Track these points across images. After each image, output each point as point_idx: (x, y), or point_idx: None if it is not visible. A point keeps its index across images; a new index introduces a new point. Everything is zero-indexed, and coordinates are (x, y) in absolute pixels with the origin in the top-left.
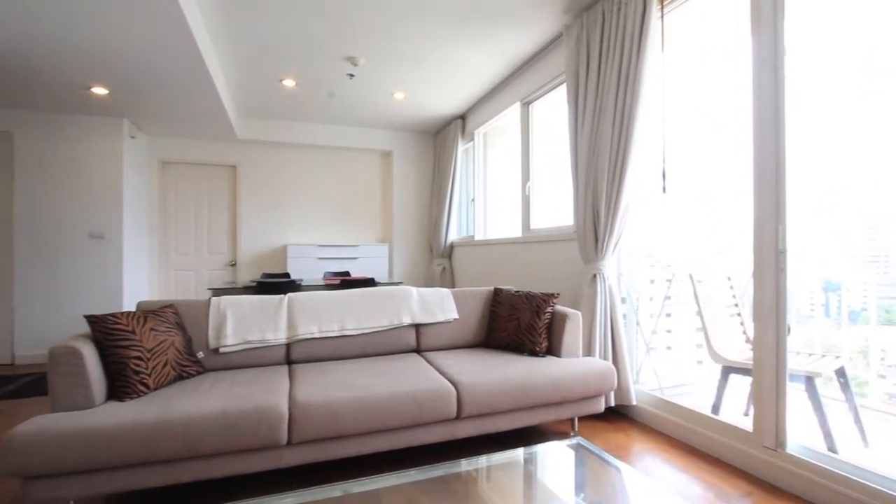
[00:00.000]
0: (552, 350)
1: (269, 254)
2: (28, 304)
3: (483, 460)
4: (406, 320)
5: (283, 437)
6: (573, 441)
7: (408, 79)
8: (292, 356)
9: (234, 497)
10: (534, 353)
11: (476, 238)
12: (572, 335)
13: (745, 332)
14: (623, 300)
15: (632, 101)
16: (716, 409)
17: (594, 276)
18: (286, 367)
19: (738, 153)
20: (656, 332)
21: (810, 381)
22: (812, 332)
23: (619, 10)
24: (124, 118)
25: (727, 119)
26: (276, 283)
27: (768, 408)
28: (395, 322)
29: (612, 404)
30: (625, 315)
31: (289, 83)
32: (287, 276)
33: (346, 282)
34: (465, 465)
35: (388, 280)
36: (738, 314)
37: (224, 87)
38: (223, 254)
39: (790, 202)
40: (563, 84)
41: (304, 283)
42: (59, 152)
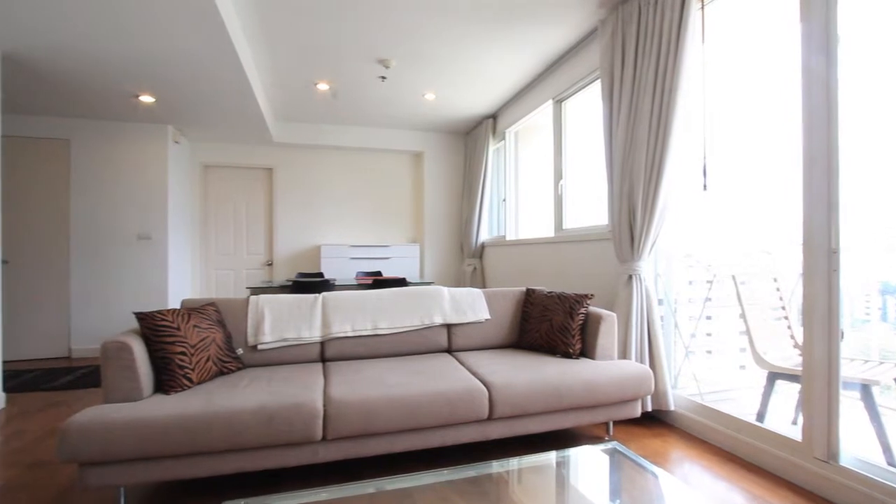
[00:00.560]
0: (586, 352)
1: (303, 254)
2: (82, 301)
3: (515, 462)
4: (437, 320)
5: (318, 433)
6: (608, 445)
7: (438, 80)
8: (326, 354)
9: (272, 490)
10: (567, 355)
11: (507, 238)
12: (607, 337)
13: (792, 337)
14: (660, 302)
15: (670, 96)
16: (761, 416)
17: (630, 276)
18: (320, 365)
19: (785, 147)
20: (696, 335)
21: (866, 390)
22: (868, 337)
23: (656, 3)
24: (169, 124)
25: (773, 111)
26: (311, 283)
27: (819, 417)
28: (426, 322)
29: (649, 409)
30: (662, 317)
31: (323, 87)
32: (321, 275)
33: (378, 281)
34: (496, 466)
35: (419, 280)
36: (785, 317)
37: (261, 92)
38: (260, 254)
39: (843, 197)
40: (598, 80)
41: (337, 283)
42: (109, 158)
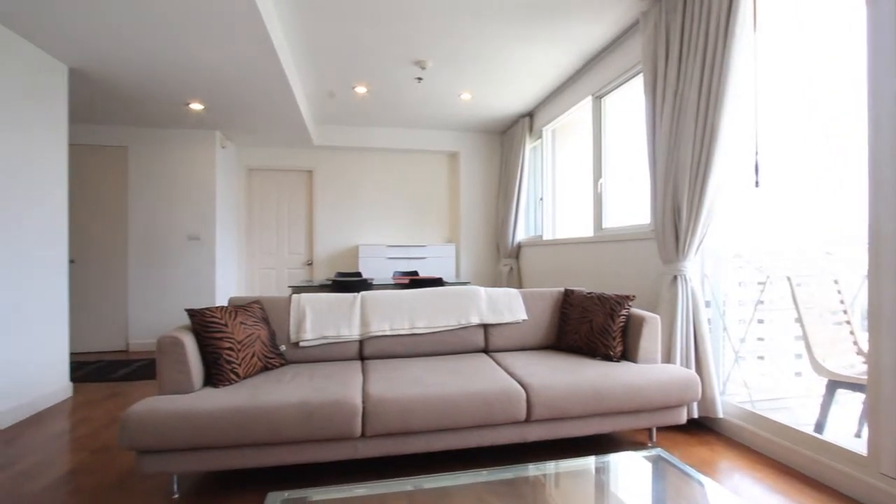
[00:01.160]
0: (628, 355)
1: (341, 253)
2: (139, 298)
3: (552, 466)
4: (474, 320)
5: (357, 429)
6: (651, 452)
7: (475, 79)
8: (365, 352)
9: (312, 484)
10: (608, 358)
11: (544, 238)
12: (650, 340)
13: (855, 343)
14: (708, 304)
15: (718, 88)
16: (819, 427)
17: (674, 277)
18: (359, 363)
19: (847, 140)
20: (746, 339)
21: None
22: None
23: None
24: (216, 130)
25: (833, 101)
26: (350, 282)
27: (888, 430)
28: (462, 322)
29: (696, 416)
30: (709, 320)
31: (361, 90)
32: (359, 274)
33: (414, 281)
34: (534, 469)
35: (455, 280)
36: (847, 322)
37: (302, 97)
38: (301, 253)
39: None
40: (639, 75)
41: (374, 283)
42: (162, 163)
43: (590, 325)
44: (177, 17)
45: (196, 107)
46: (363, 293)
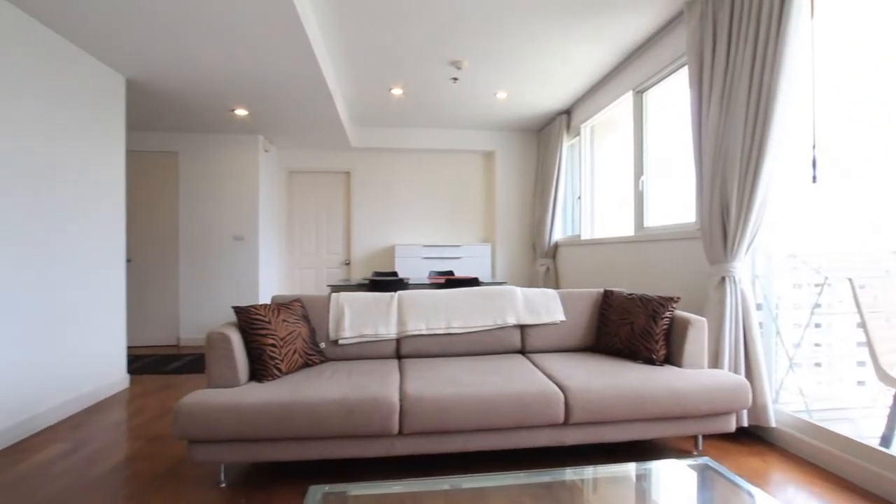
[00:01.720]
0: (671, 359)
1: (378, 253)
2: (189, 295)
3: (590, 471)
4: (511, 320)
5: (395, 427)
6: (698, 461)
7: (511, 77)
8: (402, 351)
9: (351, 479)
10: (650, 361)
11: (582, 237)
12: (696, 344)
13: None
14: (759, 307)
15: (770, 79)
16: (886, 440)
17: (722, 278)
18: (396, 361)
19: None
20: (801, 344)
21: None
22: None
23: None
24: (259, 135)
25: None
26: (387, 281)
27: None
28: (499, 322)
29: (745, 424)
30: (761, 324)
31: (397, 91)
32: (395, 274)
33: (450, 281)
34: (572, 473)
35: (490, 280)
36: None
37: (340, 100)
38: (339, 253)
39: None
40: (683, 68)
41: (410, 282)
42: (210, 167)
43: (631, 327)
44: (224, 28)
45: (241, 112)
46: (400, 293)
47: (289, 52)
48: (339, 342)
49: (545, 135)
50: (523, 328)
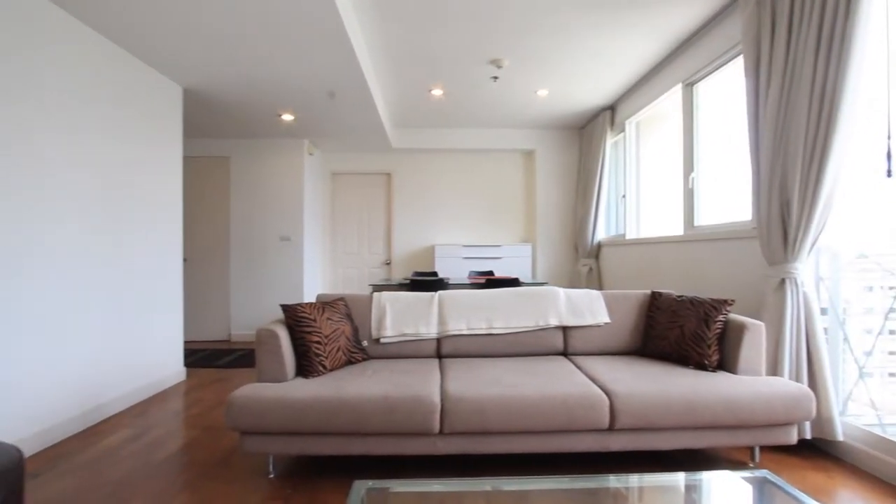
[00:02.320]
0: (725, 365)
1: (418, 253)
2: (239, 293)
3: (636, 479)
4: (553, 321)
5: (436, 426)
6: (755, 473)
7: (552, 74)
8: (442, 350)
9: (393, 476)
10: (701, 367)
11: (627, 237)
12: (752, 349)
13: None
14: (824, 311)
15: (838, 66)
16: None
17: (782, 280)
18: (437, 361)
19: None
20: (873, 353)
21: None
22: None
23: None
24: (304, 139)
25: None
26: (427, 281)
27: None
28: (541, 323)
29: (808, 437)
30: (826, 330)
31: (437, 92)
32: (435, 274)
33: (490, 281)
34: (616, 480)
35: (531, 280)
36: None
37: (381, 103)
38: (380, 253)
39: None
40: (737, 57)
41: (450, 282)
42: (258, 171)
43: (681, 330)
44: (273, 38)
45: (287, 118)
46: (440, 292)
47: (333, 59)
48: (381, 341)
49: (588, 132)
50: (566, 329)
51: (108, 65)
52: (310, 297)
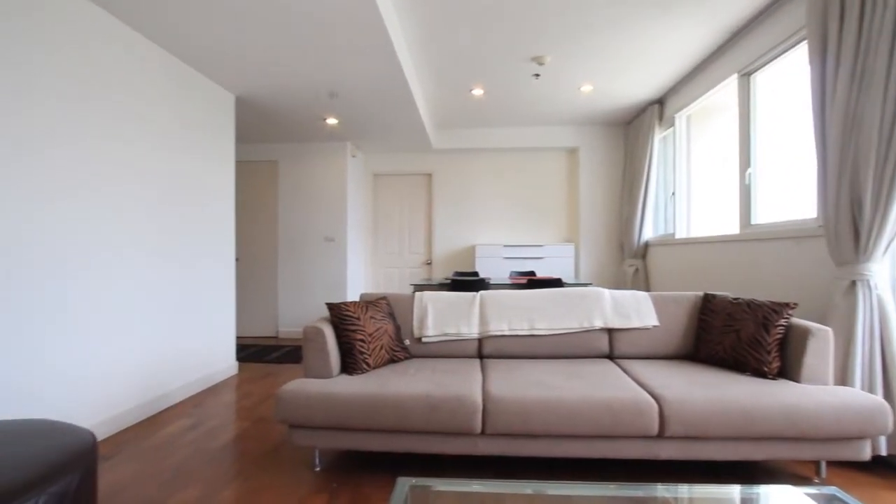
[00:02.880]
0: (787, 373)
1: (459, 253)
2: (286, 291)
3: (686, 489)
4: (598, 323)
5: (478, 426)
6: (821, 490)
7: (597, 69)
8: (483, 351)
9: (435, 475)
10: (760, 374)
11: (677, 236)
12: (818, 357)
13: None
14: None
15: None
16: None
17: (853, 283)
18: (478, 361)
19: None
20: None
21: None
22: None
23: None
24: (347, 141)
25: None
26: (468, 281)
27: None
28: (585, 325)
29: (883, 453)
30: None
31: (477, 92)
32: (476, 274)
33: (532, 281)
34: (665, 490)
35: (574, 281)
36: None
37: (422, 104)
38: (420, 253)
39: None
40: (800, 44)
41: (491, 282)
42: (304, 173)
43: (737, 335)
44: (318, 44)
45: (331, 121)
46: (482, 292)
47: (375, 63)
48: (423, 340)
49: (634, 127)
50: (611, 332)
51: (169, 77)
52: (352, 295)
